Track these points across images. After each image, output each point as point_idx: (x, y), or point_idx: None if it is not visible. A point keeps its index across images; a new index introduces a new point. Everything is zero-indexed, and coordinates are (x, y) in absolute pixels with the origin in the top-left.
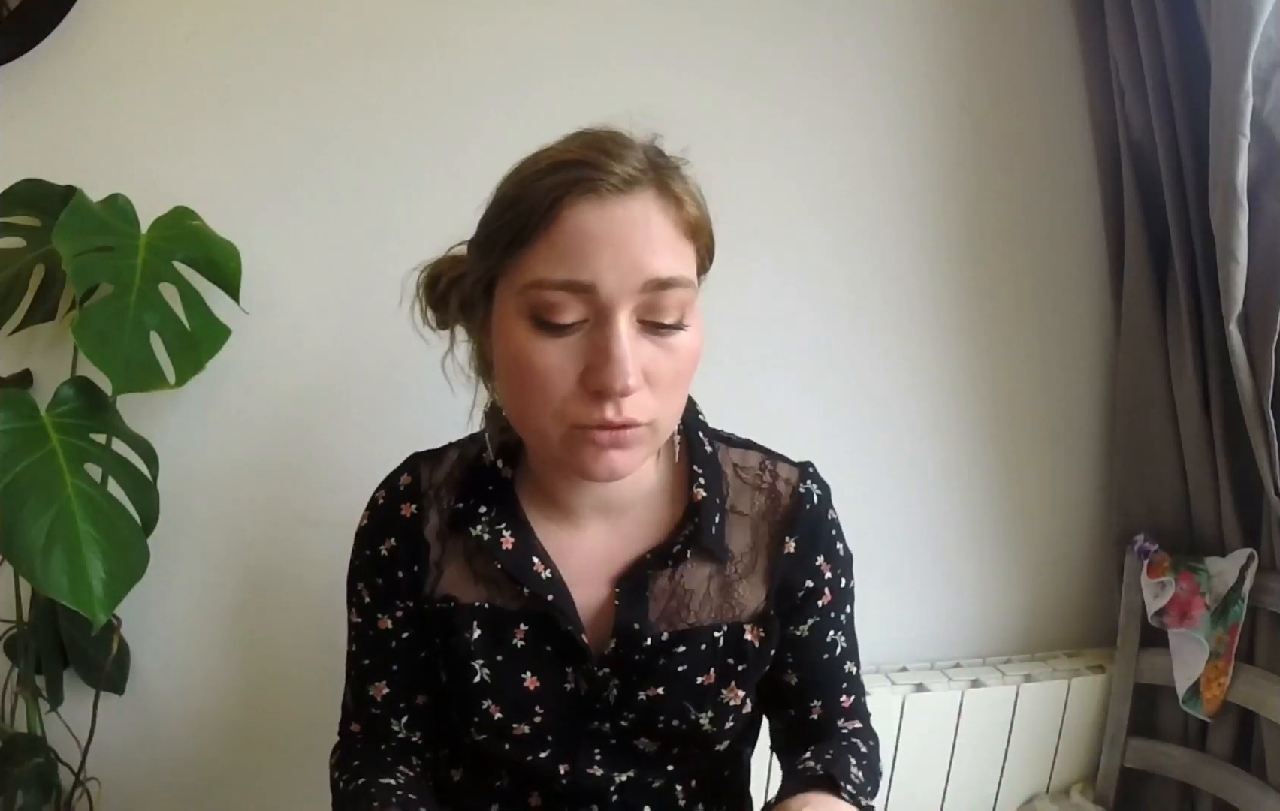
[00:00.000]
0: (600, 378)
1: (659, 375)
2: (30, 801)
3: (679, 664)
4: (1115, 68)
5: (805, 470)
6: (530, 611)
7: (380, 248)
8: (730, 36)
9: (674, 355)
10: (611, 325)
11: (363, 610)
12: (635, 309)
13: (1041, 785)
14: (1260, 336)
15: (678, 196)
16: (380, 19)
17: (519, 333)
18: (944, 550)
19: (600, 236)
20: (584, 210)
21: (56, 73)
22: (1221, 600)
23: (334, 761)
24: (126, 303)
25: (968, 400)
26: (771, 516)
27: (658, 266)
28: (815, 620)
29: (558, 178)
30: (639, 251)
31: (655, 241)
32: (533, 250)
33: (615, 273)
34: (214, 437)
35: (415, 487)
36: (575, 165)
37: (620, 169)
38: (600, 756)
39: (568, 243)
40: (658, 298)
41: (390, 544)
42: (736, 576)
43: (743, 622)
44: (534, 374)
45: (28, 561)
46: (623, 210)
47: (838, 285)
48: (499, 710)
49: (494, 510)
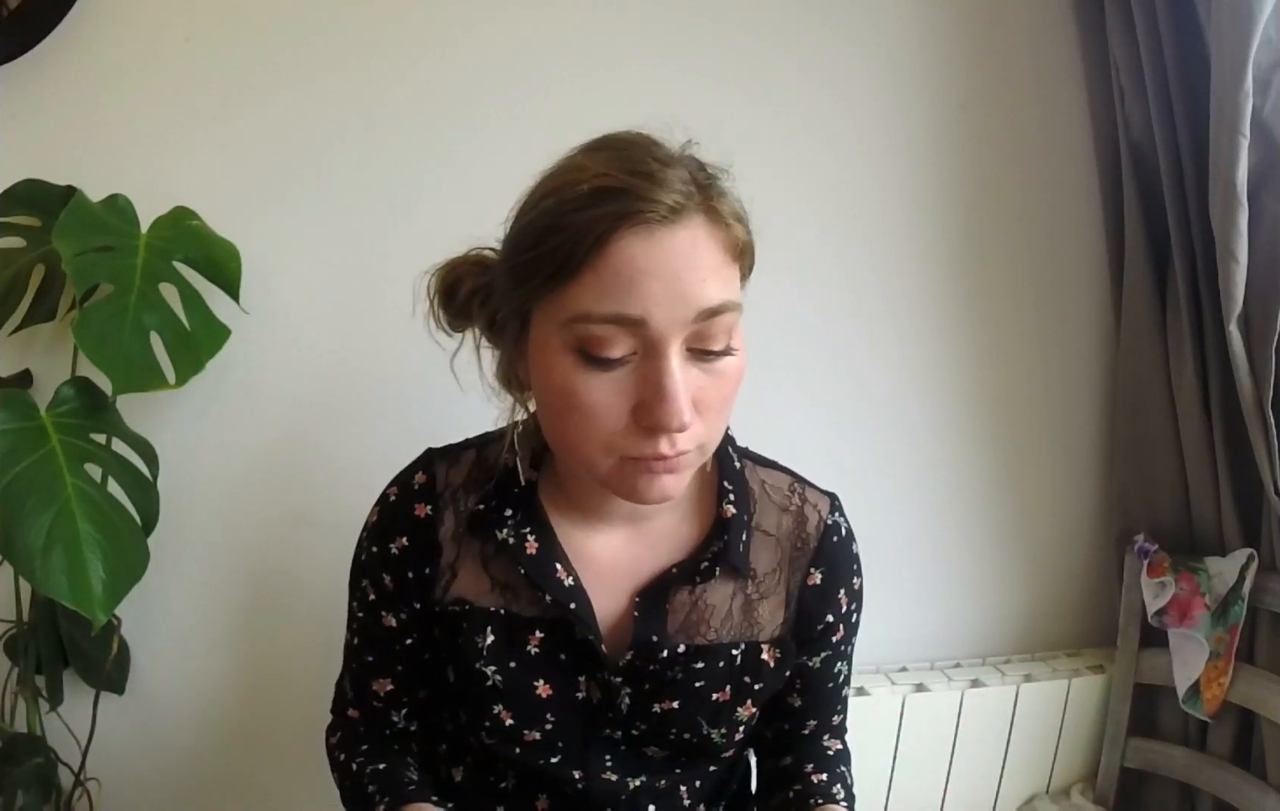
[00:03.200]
0: (654, 415)
1: (708, 401)
2: (30, 801)
3: (696, 679)
4: (1115, 68)
5: (834, 502)
6: (546, 618)
7: (380, 248)
8: (729, 37)
9: (721, 380)
10: (663, 359)
11: (366, 605)
12: (686, 339)
13: (1041, 785)
14: (1260, 336)
15: (725, 219)
16: (380, 19)
17: (563, 366)
18: (944, 550)
19: (649, 270)
20: (631, 243)
21: (56, 73)
22: (1221, 600)
23: (335, 742)
24: (126, 303)
25: (967, 400)
26: (797, 541)
27: (708, 296)
28: (827, 653)
29: (604, 209)
30: (689, 283)
31: (704, 270)
32: (578, 283)
33: (665, 306)
34: (214, 437)
35: (431, 487)
36: (620, 194)
37: (668, 197)
38: (611, 762)
39: (615, 276)
40: (707, 326)
41: (401, 543)
42: (758, 596)
43: (760, 642)
44: (581, 409)
45: (28, 561)
46: (671, 241)
47: (836, 285)
48: (510, 716)
49: (519, 514)
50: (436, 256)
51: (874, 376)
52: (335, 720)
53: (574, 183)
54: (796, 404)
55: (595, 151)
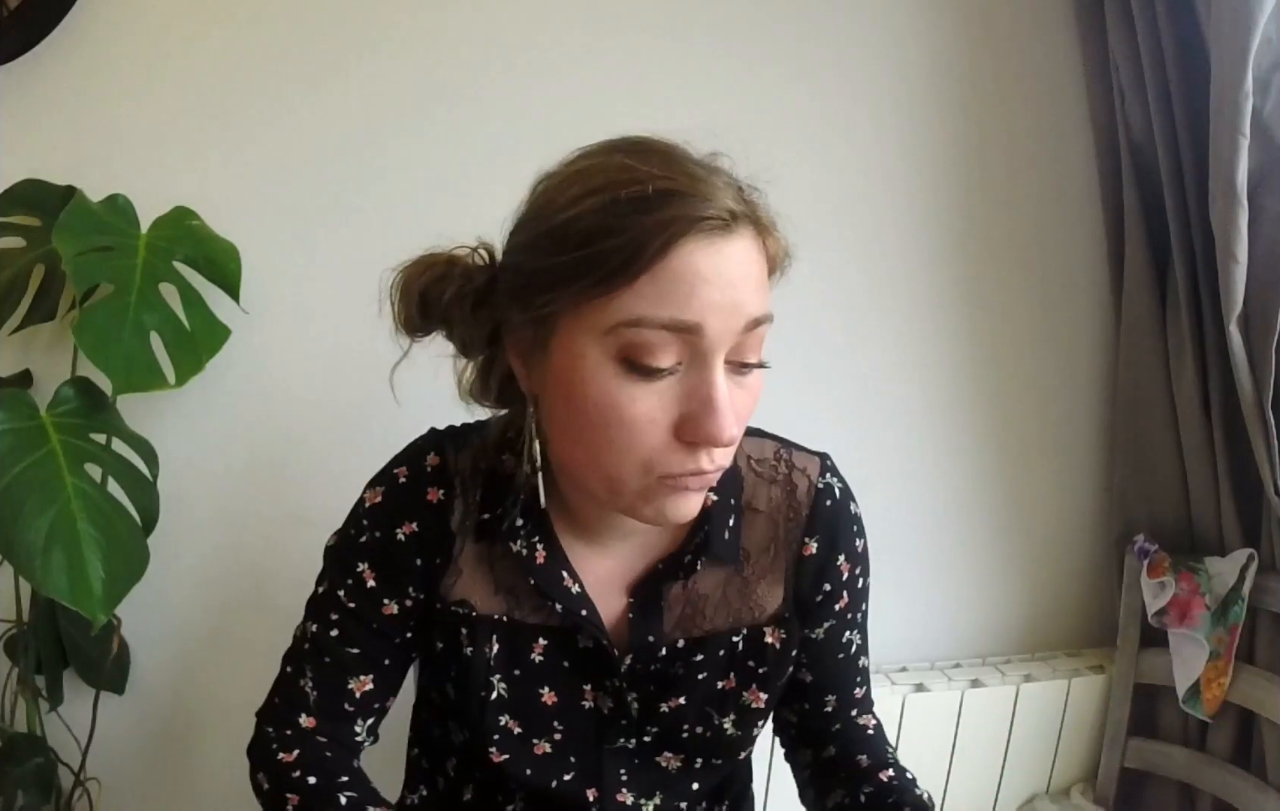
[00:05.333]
0: (703, 428)
1: (740, 415)
2: (30, 801)
3: (698, 671)
4: (1115, 68)
5: (824, 462)
6: (550, 626)
7: (380, 247)
8: (729, 39)
9: (750, 393)
10: (711, 370)
11: (360, 593)
12: (728, 351)
13: (1041, 785)
14: (1260, 336)
15: (770, 231)
16: (380, 19)
17: (603, 376)
18: (944, 550)
19: (709, 277)
20: (695, 249)
21: (56, 73)
22: (1221, 600)
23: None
24: (126, 303)
25: (967, 400)
26: (789, 512)
27: (757, 306)
28: (831, 624)
29: (670, 212)
30: (742, 292)
31: (754, 280)
32: (632, 287)
33: (720, 315)
34: (214, 437)
35: (443, 470)
36: (685, 198)
37: (727, 206)
38: (626, 777)
39: (674, 282)
40: (748, 338)
41: (411, 528)
42: (755, 577)
43: (762, 624)
44: (622, 424)
45: (28, 561)
46: (730, 249)
47: (835, 284)
48: (518, 725)
49: (528, 523)
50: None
51: (873, 376)
52: (275, 730)
53: (628, 183)
54: (796, 403)
55: (638, 153)
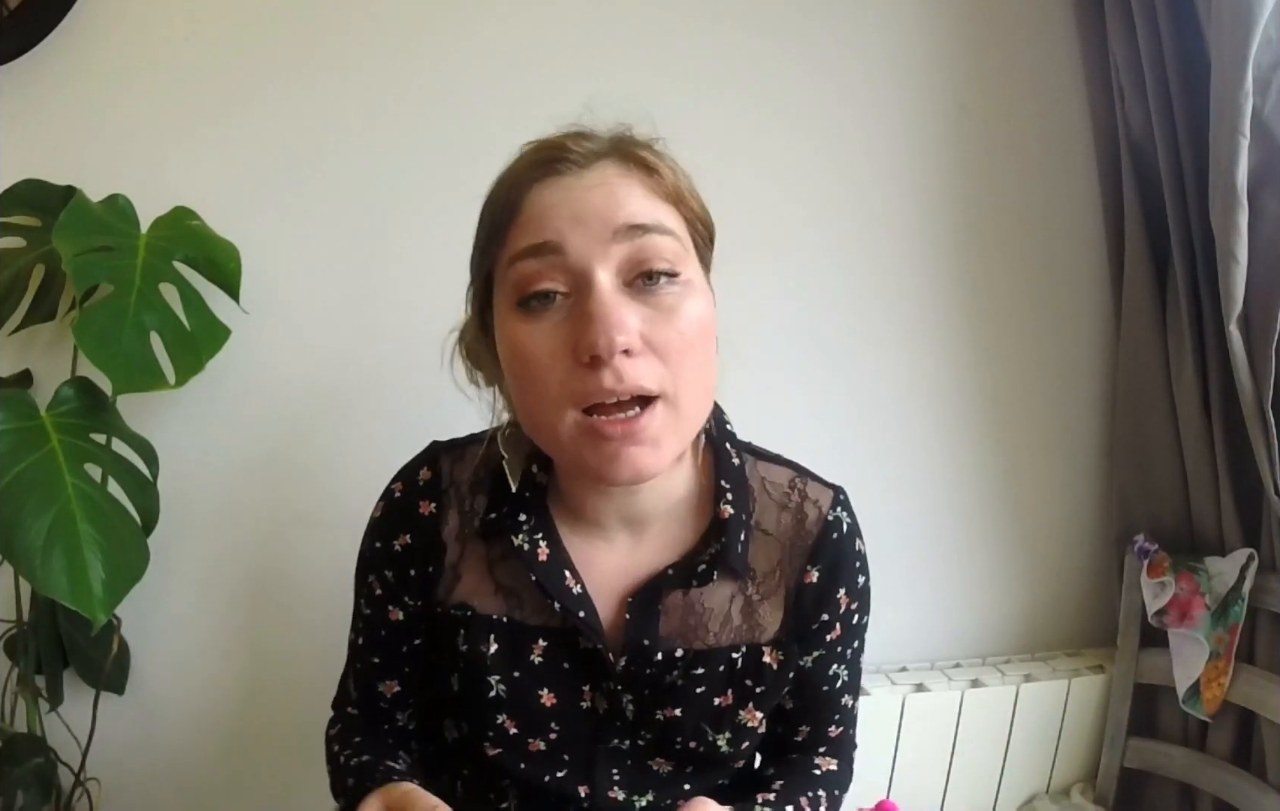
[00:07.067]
0: (587, 339)
1: (663, 341)
2: (30, 801)
3: (697, 685)
4: (1115, 68)
5: (837, 495)
6: (550, 627)
7: (380, 247)
8: (729, 39)
9: (674, 317)
10: (591, 286)
11: (373, 602)
12: (618, 268)
13: (1041, 785)
14: (1260, 336)
15: (645, 163)
16: (380, 19)
17: (510, 325)
18: (944, 550)
19: (558, 203)
20: (544, 188)
21: (56, 73)
22: (1221, 600)
23: (333, 733)
24: (126, 303)
25: (967, 401)
26: (797, 539)
27: (629, 213)
28: (820, 653)
29: (521, 167)
30: (601, 207)
31: (619, 195)
32: (507, 240)
33: (580, 230)
34: (214, 437)
35: (435, 484)
36: (540, 160)
37: (579, 148)
38: (618, 776)
39: (532, 217)
40: (639, 247)
41: (405, 540)
42: (759, 597)
43: (762, 645)
44: (529, 361)
45: (28, 561)
46: (579, 181)
47: (836, 285)
48: (514, 725)
49: (532, 519)
50: (436, 256)
51: (873, 376)
52: (336, 714)
53: (511, 164)
54: (795, 403)
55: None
